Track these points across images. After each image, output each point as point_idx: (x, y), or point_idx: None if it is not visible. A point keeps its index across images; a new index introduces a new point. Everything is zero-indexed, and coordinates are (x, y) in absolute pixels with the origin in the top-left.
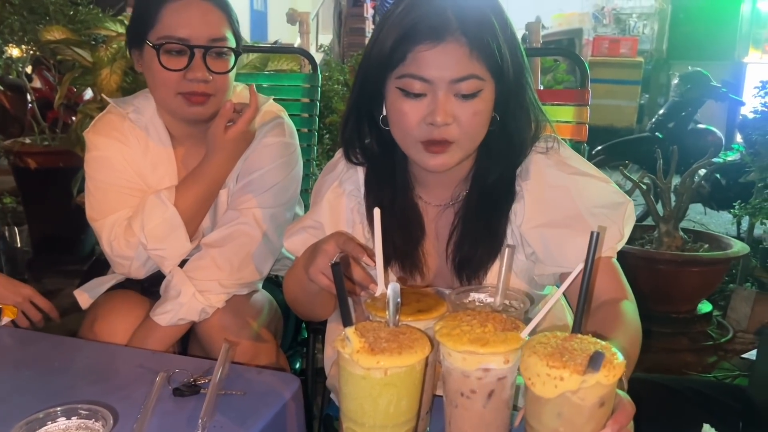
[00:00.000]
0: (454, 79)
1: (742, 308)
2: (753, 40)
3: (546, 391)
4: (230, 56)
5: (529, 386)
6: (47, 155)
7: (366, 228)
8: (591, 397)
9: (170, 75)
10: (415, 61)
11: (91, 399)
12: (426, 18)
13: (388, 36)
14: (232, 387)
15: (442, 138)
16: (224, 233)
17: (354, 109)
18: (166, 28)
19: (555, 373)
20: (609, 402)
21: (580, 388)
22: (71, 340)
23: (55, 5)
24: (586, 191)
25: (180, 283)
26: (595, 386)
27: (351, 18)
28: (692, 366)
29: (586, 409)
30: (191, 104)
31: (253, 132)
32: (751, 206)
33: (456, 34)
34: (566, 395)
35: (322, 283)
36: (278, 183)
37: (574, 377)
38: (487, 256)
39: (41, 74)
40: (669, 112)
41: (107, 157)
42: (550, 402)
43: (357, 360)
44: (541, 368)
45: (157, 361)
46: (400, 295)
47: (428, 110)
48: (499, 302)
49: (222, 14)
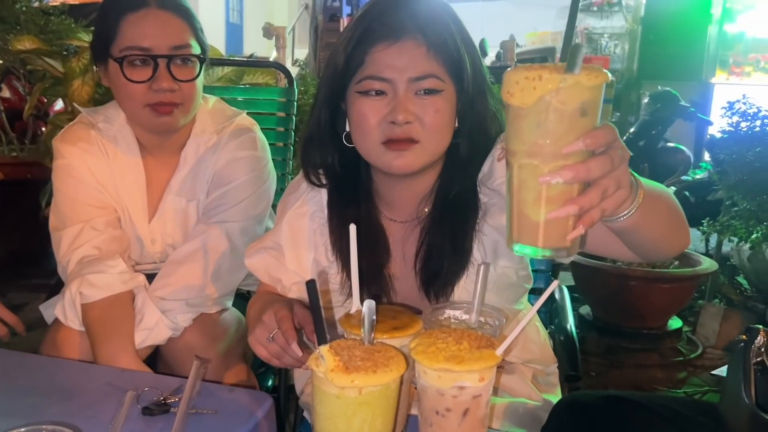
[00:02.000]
0: (412, 77)
1: (711, 324)
2: (720, 61)
3: (524, 98)
4: (195, 63)
5: (507, 100)
6: (15, 166)
7: (329, 250)
8: (571, 101)
9: (136, 87)
10: (372, 62)
11: (57, 419)
12: (380, 18)
13: (344, 45)
14: (203, 405)
15: (407, 136)
16: (193, 248)
17: (316, 129)
18: (127, 40)
19: (534, 74)
20: (592, 113)
21: (560, 88)
22: (36, 357)
23: (27, 15)
24: None
25: (144, 307)
26: (575, 86)
27: (327, 33)
28: (662, 381)
29: (567, 116)
30: (159, 115)
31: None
32: (719, 224)
33: (413, 33)
34: (545, 99)
35: (260, 354)
36: (249, 197)
37: (554, 76)
38: (454, 270)
39: (10, 84)
40: (639, 131)
41: (73, 165)
42: (530, 111)
43: (331, 379)
44: (519, 75)
45: (125, 379)
46: (376, 313)
47: (388, 109)
48: (475, 319)
49: (183, 22)
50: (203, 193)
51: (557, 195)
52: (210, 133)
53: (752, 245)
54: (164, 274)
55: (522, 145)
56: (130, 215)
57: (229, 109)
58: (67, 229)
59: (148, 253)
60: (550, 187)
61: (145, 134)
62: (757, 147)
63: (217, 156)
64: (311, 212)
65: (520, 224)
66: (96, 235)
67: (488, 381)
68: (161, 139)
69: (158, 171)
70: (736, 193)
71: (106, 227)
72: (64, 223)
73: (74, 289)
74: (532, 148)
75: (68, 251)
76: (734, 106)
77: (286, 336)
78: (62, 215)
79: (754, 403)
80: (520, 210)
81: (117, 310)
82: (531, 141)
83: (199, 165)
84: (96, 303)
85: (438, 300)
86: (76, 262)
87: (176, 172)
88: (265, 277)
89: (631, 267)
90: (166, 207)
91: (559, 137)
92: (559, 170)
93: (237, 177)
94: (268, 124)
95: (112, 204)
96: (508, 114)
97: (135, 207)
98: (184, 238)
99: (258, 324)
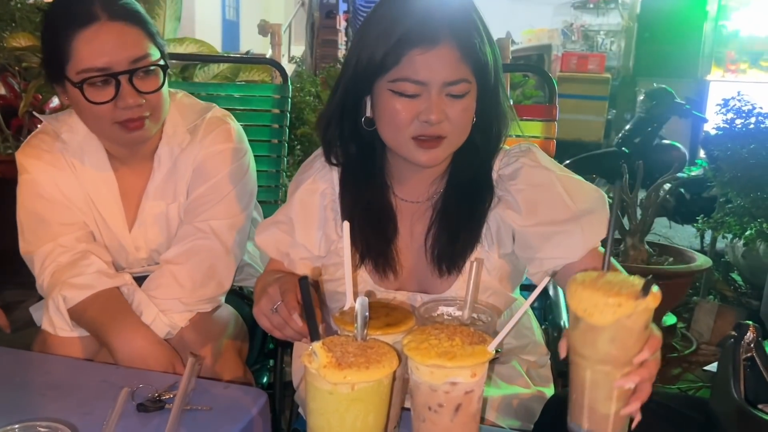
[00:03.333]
0: (447, 82)
1: (705, 320)
2: (715, 58)
3: (603, 319)
4: (158, 71)
5: (584, 317)
6: (9, 164)
7: (338, 226)
8: (640, 321)
9: (101, 108)
10: (410, 65)
11: (52, 416)
12: (419, 24)
13: (380, 41)
14: (198, 402)
15: (437, 134)
16: (183, 249)
17: (336, 112)
18: (82, 61)
19: (613, 301)
20: (650, 325)
21: (634, 312)
22: (32, 355)
23: (22, 12)
24: (572, 188)
25: (141, 305)
26: (644, 311)
27: (323, 30)
28: (657, 377)
29: (636, 332)
30: (130, 131)
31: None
32: (714, 220)
33: (448, 39)
34: (621, 320)
35: (263, 325)
36: (232, 191)
37: (630, 303)
38: (465, 246)
39: (5, 81)
40: (635, 128)
41: (38, 181)
42: (606, 329)
43: (324, 375)
44: (599, 298)
45: (120, 376)
46: (369, 309)
47: (421, 109)
48: (467, 316)
49: (138, 30)
50: (183, 194)
51: (624, 393)
52: (182, 133)
53: (746, 242)
54: (157, 275)
55: (595, 353)
56: (108, 226)
57: (198, 104)
58: (38, 251)
59: (134, 259)
60: (621, 389)
61: (113, 145)
62: (752, 144)
63: (193, 154)
64: (322, 189)
65: (591, 416)
66: (64, 252)
67: (480, 377)
68: (131, 149)
69: (132, 179)
70: (731, 189)
71: (77, 243)
72: (34, 245)
73: (56, 295)
74: (606, 357)
75: (41, 271)
76: (729, 103)
77: (289, 307)
78: (31, 236)
79: (743, 399)
80: (591, 406)
81: (112, 304)
82: (604, 351)
83: (176, 166)
84: (86, 303)
85: (450, 274)
86: (49, 278)
87: (151, 177)
88: (274, 252)
89: (625, 263)
90: (145, 213)
91: (629, 348)
92: (630, 376)
93: (217, 172)
94: (263, 121)
95: (81, 219)
96: (579, 325)
97: (113, 217)
98: (168, 242)
99: (263, 296)
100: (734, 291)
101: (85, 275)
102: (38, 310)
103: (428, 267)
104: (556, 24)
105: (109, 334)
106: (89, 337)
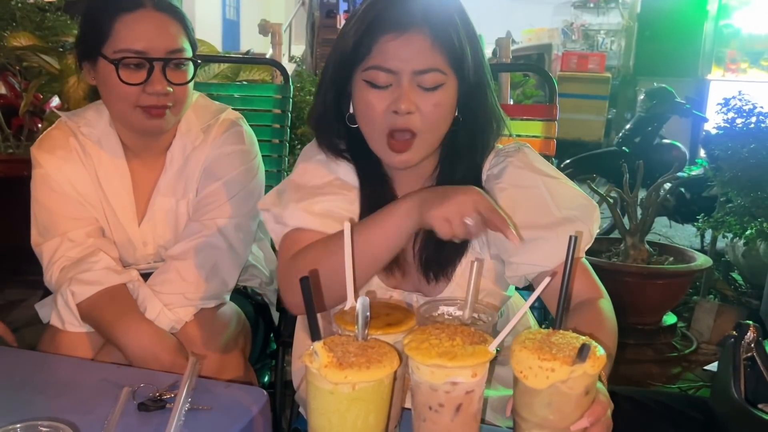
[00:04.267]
0: (416, 70)
1: (705, 320)
2: (716, 58)
3: (538, 383)
4: (189, 67)
5: (521, 379)
6: (11, 163)
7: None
8: (578, 387)
9: (130, 89)
10: (380, 52)
11: (52, 415)
12: (389, 9)
13: (353, 31)
14: (199, 402)
15: (406, 127)
16: (188, 245)
17: (321, 108)
18: (122, 41)
19: (547, 365)
20: (592, 391)
21: (569, 378)
22: (32, 354)
23: (22, 11)
24: (558, 193)
25: (146, 299)
26: (582, 376)
27: (324, 29)
28: (657, 377)
29: (574, 398)
30: (151, 117)
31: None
32: (714, 220)
33: (419, 25)
34: (556, 385)
35: (444, 232)
36: (240, 192)
37: (564, 368)
38: (452, 254)
39: (6, 80)
40: (635, 127)
41: (50, 175)
42: (542, 392)
43: (325, 375)
44: (533, 361)
45: (121, 375)
46: (370, 309)
47: (392, 99)
48: (468, 315)
49: (178, 24)
50: (192, 192)
51: None
52: (196, 132)
53: (746, 241)
54: (162, 270)
55: (533, 416)
56: (118, 219)
57: (213, 105)
58: (47, 244)
59: (142, 255)
60: None
61: (130, 136)
62: (752, 143)
63: (205, 153)
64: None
65: None
66: (73, 246)
67: (481, 377)
68: (147, 141)
69: (144, 172)
70: (731, 189)
71: (86, 238)
72: (43, 237)
73: (65, 291)
74: (543, 422)
75: (49, 265)
76: (729, 102)
77: (499, 224)
78: (41, 228)
79: (744, 398)
80: None
81: (119, 300)
82: (541, 416)
83: (187, 163)
84: (93, 299)
85: (437, 282)
86: (57, 272)
87: (163, 172)
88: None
89: (625, 263)
90: (155, 208)
91: (567, 414)
92: None
93: (227, 173)
94: (264, 121)
95: (92, 215)
96: (518, 386)
97: (123, 210)
98: (175, 238)
99: (453, 201)
100: (734, 290)
101: (93, 271)
102: (44, 307)
103: (417, 272)
104: (557, 23)
105: (116, 330)
106: (97, 333)
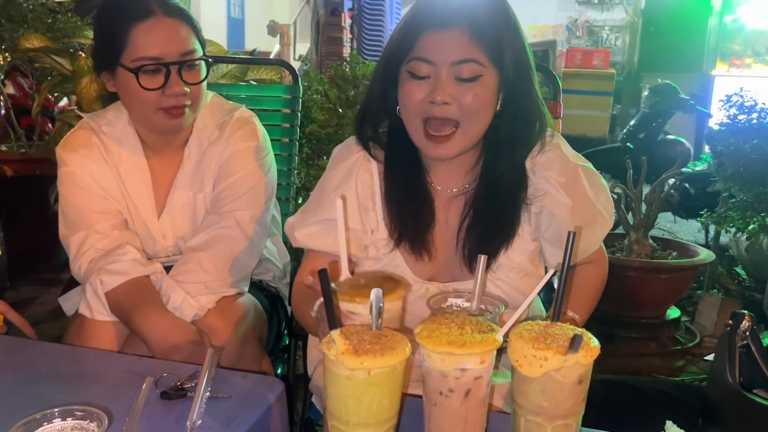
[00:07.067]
0: (454, 61)
1: (709, 314)
2: (720, 53)
3: (532, 371)
4: (202, 66)
5: (516, 367)
6: (24, 162)
7: (380, 214)
8: (571, 375)
9: (150, 94)
10: (421, 46)
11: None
12: (432, 8)
13: (400, 29)
14: (218, 390)
15: (443, 116)
16: (207, 237)
17: (370, 102)
18: (138, 49)
19: (540, 354)
20: (586, 380)
21: (562, 366)
22: (57, 346)
23: (34, 13)
24: (593, 181)
25: (169, 289)
26: (575, 365)
27: (328, 27)
28: (660, 370)
29: (567, 386)
30: (172, 117)
31: None
32: (717, 215)
33: (459, 21)
34: (550, 374)
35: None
36: (255, 186)
37: (557, 357)
38: (496, 245)
39: (15, 81)
40: (640, 123)
41: (75, 173)
42: (536, 380)
43: (342, 361)
44: (528, 350)
45: (144, 366)
46: (364, 278)
47: (430, 89)
48: (476, 307)
49: (188, 27)
50: (209, 186)
51: None
52: (211, 128)
53: (749, 236)
54: (183, 261)
55: (528, 403)
56: (139, 213)
57: (226, 103)
58: (74, 236)
59: (161, 247)
60: None
61: (150, 135)
62: (754, 139)
63: (220, 149)
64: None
65: None
66: (100, 239)
67: (489, 363)
68: (166, 139)
69: (163, 168)
70: (734, 184)
71: (111, 230)
72: (71, 230)
73: (94, 280)
74: (537, 409)
75: (77, 256)
76: (732, 98)
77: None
78: (69, 222)
79: (739, 384)
80: None
81: (142, 291)
82: (536, 403)
83: (203, 159)
84: (119, 289)
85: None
86: (86, 263)
87: (181, 168)
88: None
89: (629, 258)
90: (174, 202)
91: (560, 402)
92: (560, 429)
93: (241, 168)
94: (274, 121)
95: (116, 208)
96: (515, 374)
97: (143, 205)
98: (193, 231)
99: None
100: (737, 284)
101: (122, 263)
102: (67, 301)
103: (460, 262)
104: (561, 20)
105: (138, 318)
106: (118, 327)
